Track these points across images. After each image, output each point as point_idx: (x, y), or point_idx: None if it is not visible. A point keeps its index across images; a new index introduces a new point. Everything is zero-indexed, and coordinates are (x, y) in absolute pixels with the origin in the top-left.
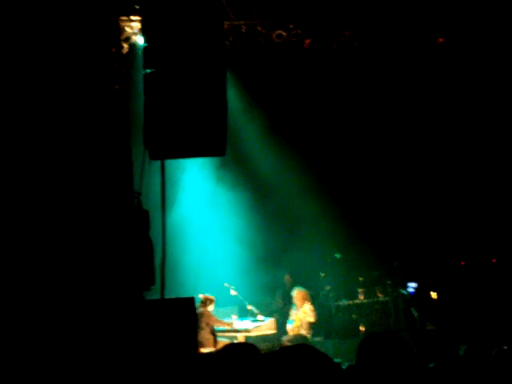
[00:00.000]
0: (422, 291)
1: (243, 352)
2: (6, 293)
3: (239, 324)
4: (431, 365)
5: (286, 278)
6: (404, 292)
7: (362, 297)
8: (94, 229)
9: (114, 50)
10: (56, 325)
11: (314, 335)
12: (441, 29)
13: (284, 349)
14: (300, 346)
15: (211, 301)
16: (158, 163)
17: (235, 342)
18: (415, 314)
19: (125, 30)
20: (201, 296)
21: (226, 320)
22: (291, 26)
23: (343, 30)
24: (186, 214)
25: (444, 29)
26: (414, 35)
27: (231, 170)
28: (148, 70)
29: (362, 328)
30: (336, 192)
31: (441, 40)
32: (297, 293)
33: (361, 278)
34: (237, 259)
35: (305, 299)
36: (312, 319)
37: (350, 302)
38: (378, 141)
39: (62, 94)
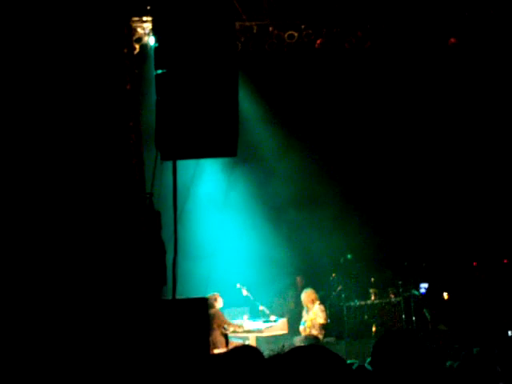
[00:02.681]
0: (433, 292)
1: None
2: (21, 293)
3: (251, 324)
4: (449, 362)
5: (298, 279)
6: (416, 292)
7: (373, 297)
8: (106, 229)
9: (125, 50)
10: (69, 325)
11: (325, 336)
12: (453, 29)
13: (295, 349)
14: (311, 346)
15: (216, 298)
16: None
17: (246, 343)
18: (427, 314)
19: (136, 31)
20: (209, 296)
21: (236, 321)
22: (303, 27)
23: (355, 30)
24: (198, 215)
25: (456, 29)
26: (425, 35)
27: (243, 172)
28: (159, 71)
29: (373, 329)
30: (348, 193)
31: (453, 40)
32: (305, 295)
33: (372, 279)
34: (249, 260)
35: (314, 300)
36: (323, 320)
37: (362, 302)
38: (389, 140)
39: (75, 94)
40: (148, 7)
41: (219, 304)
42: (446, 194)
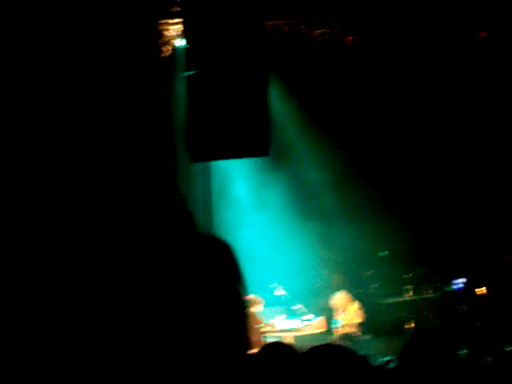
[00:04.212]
0: (470, 287)
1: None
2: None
3: (287, 324)
4: (489, 359)
5: (336, 276)
6: (452, 288)
7: (410, 294)
8: (140, 230)
9: (155, 53)
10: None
11: (362, 333)
12: (483, 23)
13: (312, 349)
14: (328, 345)
15: (256, 302)
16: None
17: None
18: (464, 310)
19: (166, 33)
20: (248, 297)
21: (272, 321)
22: (334, 24)
23: (386, 26)
24: (232, 214)
25: (486, 23)
26: (455, 30)
27: (276, 172)
28: (190, 72)
29: (411, 325)
30: (382, 189)
31: (482, 35)
32: (338, 299)
33: (409, 275)
34: (285, 260)
35: (348, 302)
36: (359, 319)
37: (399, 299)
38: (422, 136)
39: (107, 98)
40: (177, 9)
41: (256, 309)
42: (483, 188)
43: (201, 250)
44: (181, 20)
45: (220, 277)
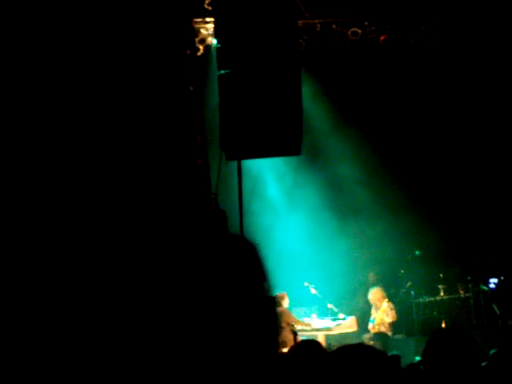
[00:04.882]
0: (503, 287)
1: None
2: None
3: (320, 323)
4: None
5: (371, 275)
6: (485, 288)
7: (442, 293)
8: (173, 230)
9: (188, 51)
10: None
11: (395, 333)
12: None
13: (341, 348)
14: (357, 345)
15: (283, 297)
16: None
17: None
18: (497, 310)
19: (200, 32)
20: (276, 295)
21: (305, 319)
22: (366, 23)
23: (419, 25)
24: (265, 214)
25: None
26: (492, 30)
27: (309, 172)
28: (222, 71)
29: (443, 325)
30: (415, 190)
31: None
32: (373, 293)
33: (441, 275)
34: (317, 258)
35: (382, 298)
36: (391, 319)
37: (431, 298)
38: (456, 136)
39: (140, 96)
40: (209, 8)
41: (286, 303)
42: None
43: (229, 249)
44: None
45: (245, 275)
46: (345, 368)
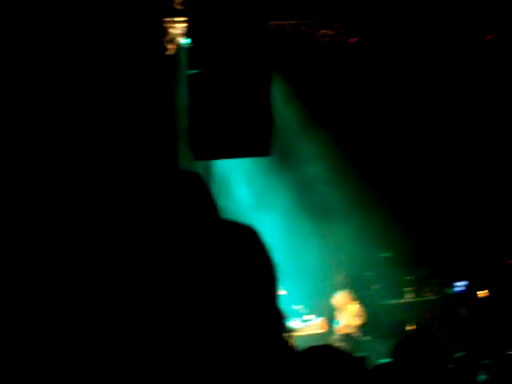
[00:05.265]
0: (470, 290)
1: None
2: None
3: (288, 324)
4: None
5: (338, 277)
6: (452, 291)
7: (410, 296)
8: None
9: (159, 50)
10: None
11: (362, 334)
12: (489, 26)
13: (306, 350)
14: (323, 346)
15: None
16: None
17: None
18: (464, 313)
19: (169, 32)
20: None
21: None
22: (336, 25)
23: (390, 27)
24: (234, 216)
25: (493, 26)
26: (460, 32)
27: (279, 173)
28: (193, 71)
29: (410, 327)
30: (384, 191)
31: (489, 37)
32: (339, 297)
33: (410, 277)
34: (285, 260)
35: (347, 301)
36: (359, 321)
37: (398, 301)
38: (426, 136)
39: (108, 96)
40: (181, 7)
41: None
42: (484, 191)
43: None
44: (185, 18)
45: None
46: (310, 369)
